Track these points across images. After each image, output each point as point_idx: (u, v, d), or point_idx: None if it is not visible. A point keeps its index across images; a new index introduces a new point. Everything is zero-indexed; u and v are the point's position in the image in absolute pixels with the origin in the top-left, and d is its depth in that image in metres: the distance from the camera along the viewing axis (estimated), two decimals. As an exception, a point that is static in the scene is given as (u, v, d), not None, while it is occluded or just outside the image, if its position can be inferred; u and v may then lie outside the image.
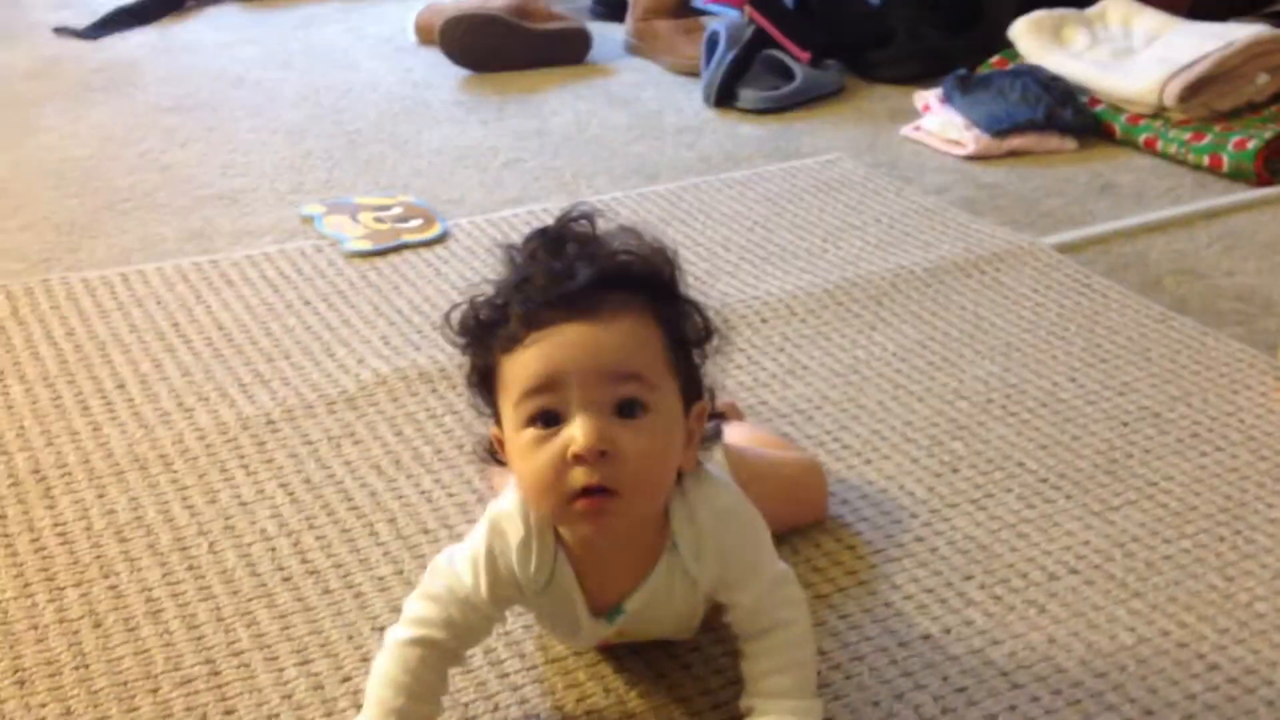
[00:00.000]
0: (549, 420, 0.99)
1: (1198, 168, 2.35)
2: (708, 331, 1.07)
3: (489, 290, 1.04)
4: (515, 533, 1.05)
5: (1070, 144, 2.45)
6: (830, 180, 2.27)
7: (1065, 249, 2.03)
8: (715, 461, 1.25)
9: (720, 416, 1.13)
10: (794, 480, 1.38)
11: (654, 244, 1.05)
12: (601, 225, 1.05)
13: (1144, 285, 1.93)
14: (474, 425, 1.53)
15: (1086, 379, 1.68)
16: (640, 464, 0.99)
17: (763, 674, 1.10)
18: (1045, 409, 1.62)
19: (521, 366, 1.00)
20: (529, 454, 1.00)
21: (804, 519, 1.38)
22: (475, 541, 1.08)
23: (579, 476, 0.98)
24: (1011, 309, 1.85)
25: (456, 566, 1.08)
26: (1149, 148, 2.42)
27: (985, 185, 2.29)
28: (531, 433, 0.99)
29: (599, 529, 1.01)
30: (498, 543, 1.06)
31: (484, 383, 1.05)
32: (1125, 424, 1.59)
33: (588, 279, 0.99)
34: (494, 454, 1.08)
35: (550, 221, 1.06)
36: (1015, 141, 2.42)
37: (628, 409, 0.99)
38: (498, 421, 1.05)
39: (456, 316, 1.06)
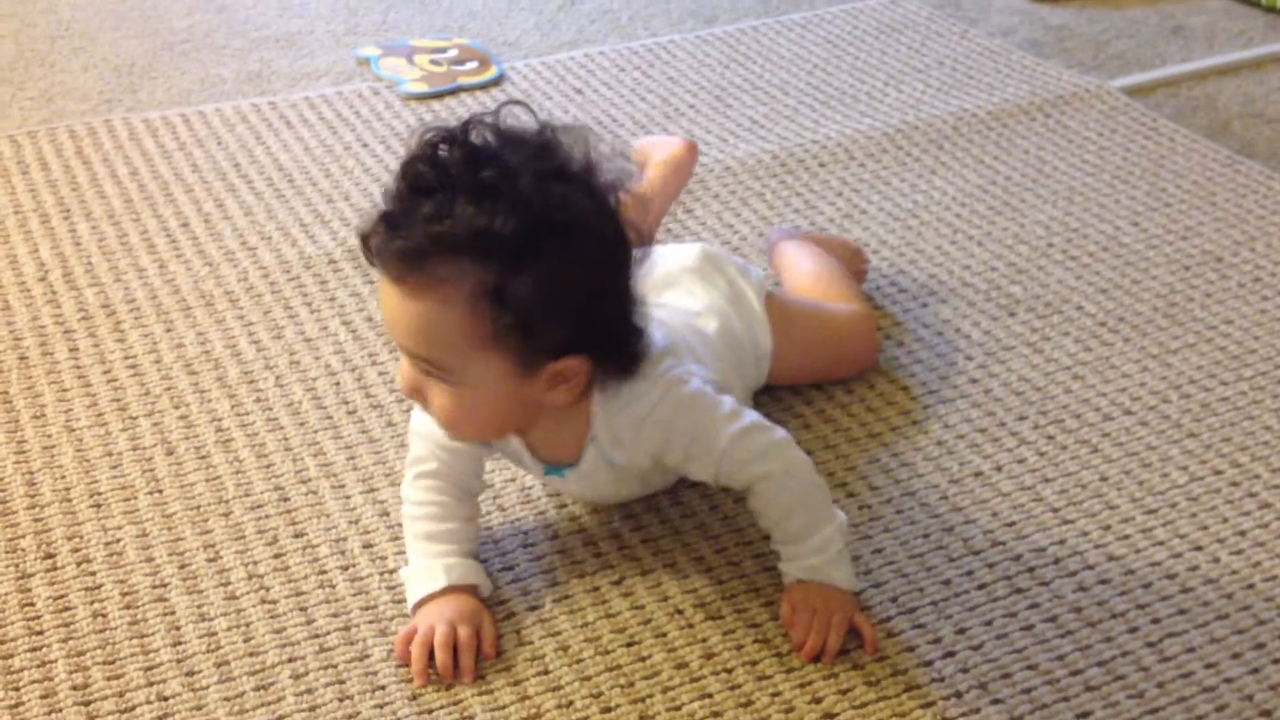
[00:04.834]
0: None
1: (1270, 9, 2.28)
2: (577, 286, 0.99)
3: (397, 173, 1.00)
4: None
5: (1142, -15, 2.38)
6: (893, 22, 2.22)
7: (1133, 92, 1.99)
8: (757, 313, 1.26)
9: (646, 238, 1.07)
10: (840, 337, 1.38)
11: (560, 177, 0.99)
12: (512, 138, 0.99)
13: (1212, 129, 1.89)
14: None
15: (1149, 223, 1.66)
16: (447, 415, 1.04)
17: (773, 524, 1.13)
18: (1106, 253, 1.60)
19: None
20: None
21: (849, 373, 1.38)
22: None
23: None
24: (1075, 153, 1.82)
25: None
26: (1224, -12, 2.34)
27: (1053, 27, 2.23)
28: None
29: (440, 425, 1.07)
30: None
31: None
32: (1187, 268, 1.57)
33: (405, 248, 0.96)
34: None
35: (496, 104, 1.01)
36: (1085, -18, 2.35)
37: (430, 374, 1.01)
38: None
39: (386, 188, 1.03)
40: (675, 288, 1.26)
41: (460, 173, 0.97)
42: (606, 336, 1.04)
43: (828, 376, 1.37)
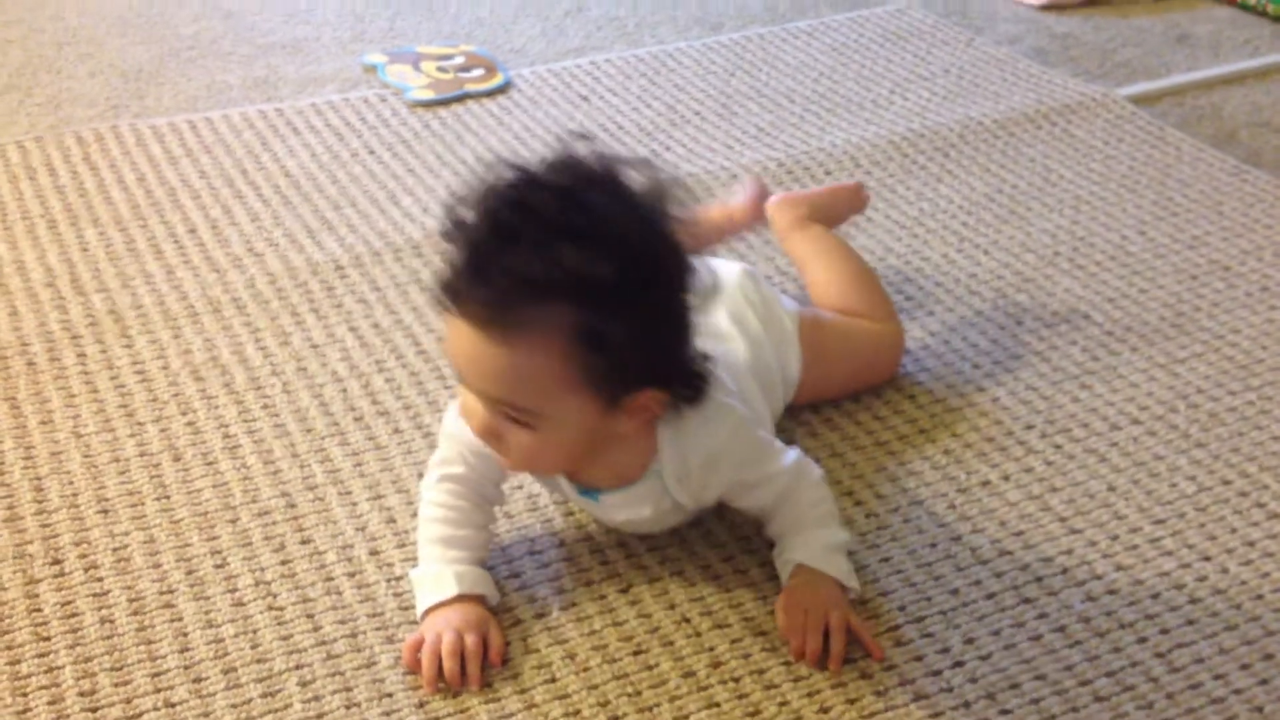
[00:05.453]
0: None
1: (1277, 19, 2.28)
2: (655, 332, 1.01)
3: (469, 206, 0.99)
4: None
5: (1147, -7, 2.38)
6: (898, 30, 2.22)
7: (1139, 101, 1.99)
8: (790, 339, 1.26)
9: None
10: (869, 359, 1.38)
11: (644, 215, 0.99)
12: (595, 175, 0.98)
13: (1219, 138, 1.89)
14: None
15: (1156, 232, 1.66)
16: (526, 457, 1.05)
17: (781, 516, 1.14)
18: (1113, 262, 1.60)
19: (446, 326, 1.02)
20: (461, 389, 1.05)
21: (866, 388, 1.38)
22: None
23: None
24: (1082, 161, 1.82)
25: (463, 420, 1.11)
26: (1229, -2, 2.35)
27: (1058, 35, 2.23)
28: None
29: (505, 465, 1.09)
30: None
31: None
32: (1194, 277, 1.57)
33: (495, 295, 0.95)
34: None
35: (561, 156, 0.99)
36: (1091, -10, 2.35)
37: (513, 418, 1.01)
38: None
39: (445, 221, 1.01)
40: (709, 310, 1.25)
41: (549, 215, 0.95)
42: (683, 368, 1.04)
43: (845, 394, 1.37)
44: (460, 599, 1.08)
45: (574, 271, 0.94)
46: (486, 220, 0.97)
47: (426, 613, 1.09)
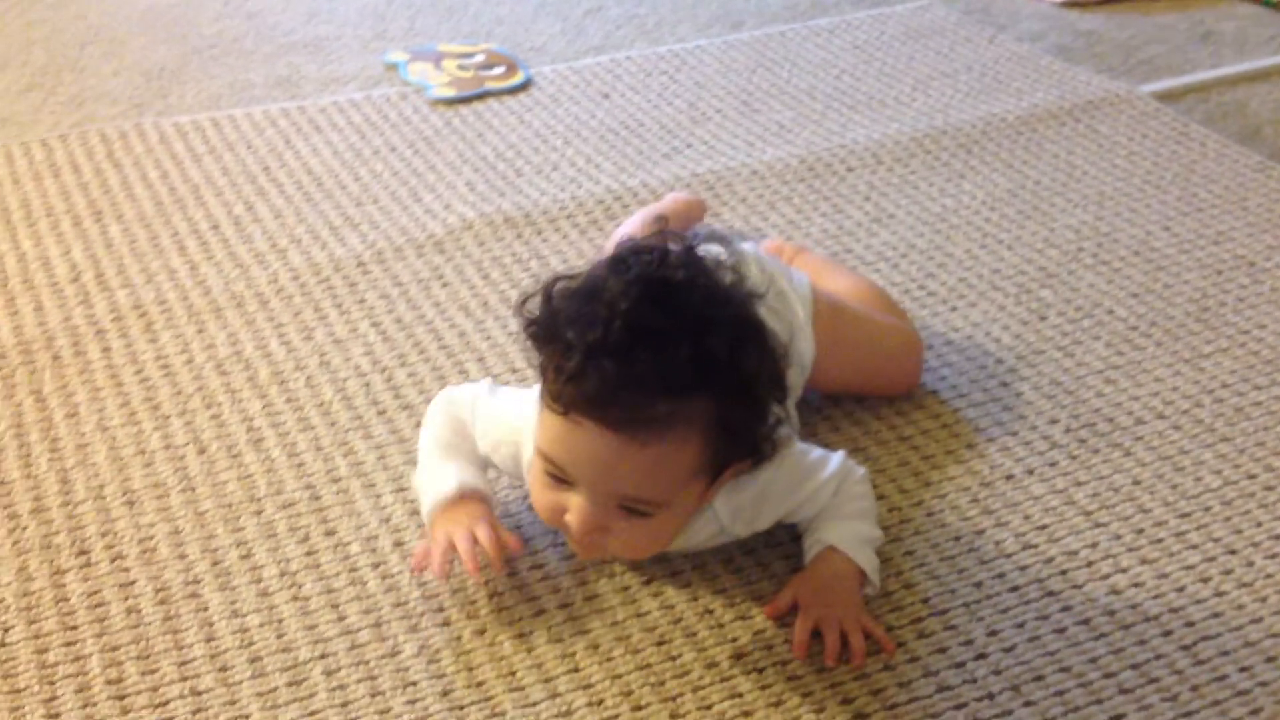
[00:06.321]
0: (560, 478, 1.01)
1: (1304, 15, 2.27)
2: (769, 430, 1.02)
3: (566, 296, 0.99)
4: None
5: (1170, -9, 2.37)
6: (920, 27, 2.22)
7: (1163, 97, 1.98)
8: (801, 323, 1.25)
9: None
10: (887, 352, 1.35)
11: (749, 296, 1.00)
12: (707, 264, 0.99)
13: (1243, 134, 1.89)
14: (559, 271, 1.55)
15: (1181, 227, 1.65)
16: (634, 545, 1.05)
17: (826, 511, 1.14)
18: (1137, 257, 1.60)
19: (549, 429, 0.99)
20: (539, 481, 1.03)
21: (890, 391, 1.36)
22: (511, 420, 1.12)
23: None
24: (1105, 157, 1.81)
25: (495, 414, 1.14)
26: (1253, -6, 2.34)
27: (1082, 32, 2.23)
28: (544, 470, 1.02)
29: (584, 555, 1.09)
30: (527, 444, 1.09)
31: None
32: (1219, 273, 1.57)
33: (640, 400, 0.93)
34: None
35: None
36: (1113, -12, 2.35)
37: (632, 510, 1.00)
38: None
39: (531, 305, 1.01)
40: None
41: (685, 311, 0.95)
42: (772, 437, 1.04)
43: (865, 391, 1.35)
44: (463, 498, 1.10)
45: (721, 365, 0.95)
46: (621, 325, 0.94)
47: (433, 520, 1.11)
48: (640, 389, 0.93)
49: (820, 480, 1.13)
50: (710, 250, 1.04)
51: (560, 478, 1.01)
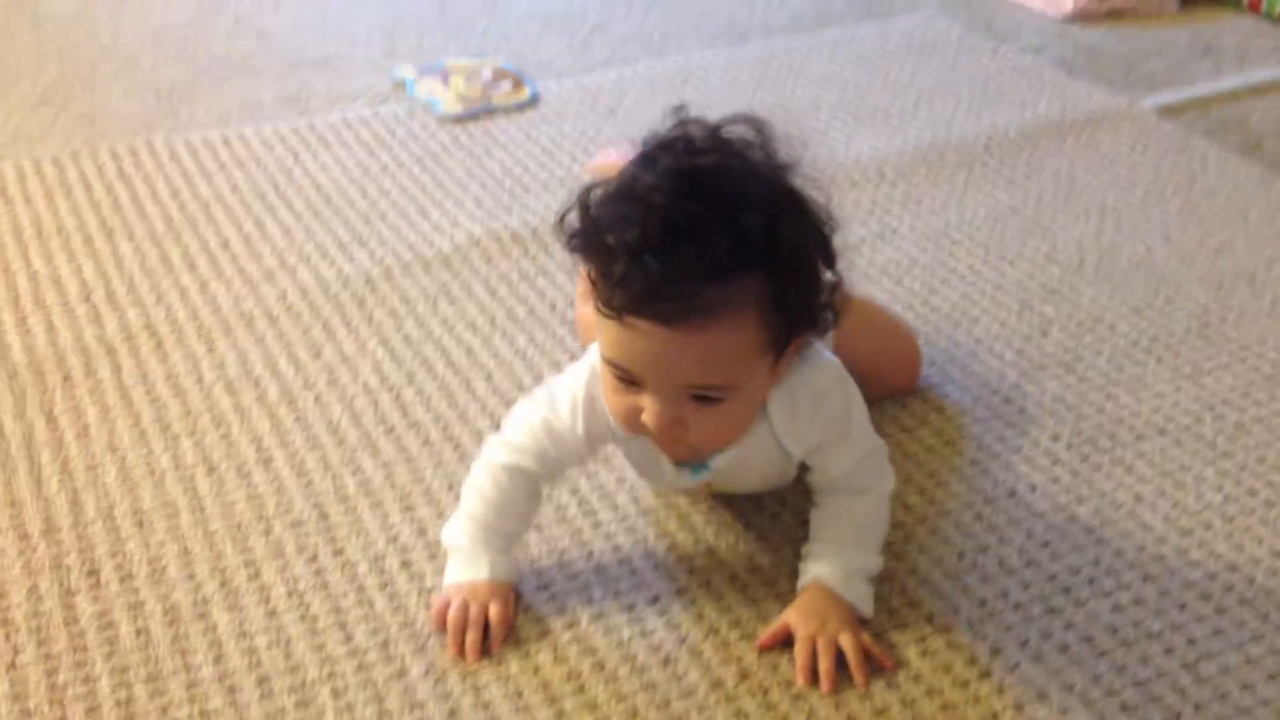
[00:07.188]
0: (628, 380, 1.02)
1: (1307, 27, 2.28)
2: (823, 294, 1.03)
3: (601, 199, 0.99)
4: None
5: (1172, 4, 2.38)
6: (923, 40, 2.23)
7: (1164, 111, 1.99)
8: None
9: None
10: (885, 343, 1.37)
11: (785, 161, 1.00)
12: (737, 139, 1.00)
13: (1244, 148, 1.89)
14: (565, 287, 1.56)
15: (1182, 241, 1.66)
16: (712, 433, 1.05)
17: (829, 522, 1.15)
18: (1139, 272, 1.60)
19: (608, 334, 1.00)
20: (610, 389, 1.04)
21: (895, 384, 1.38)
22: (575, 382, 1.12)
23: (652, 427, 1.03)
24: (1107, 171, 1.82)
25: (557, 404, 1.12)
26: (1252, 9, 2.35)
27: (1084, 46, 2.23)
28: (613, 375, 1.03)
29: (672, 453, 1.09)
30: (596, 387, 1.09)
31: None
32: (1220, 286, 1.57)
33: (687, 290, 0.94)
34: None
35: (662, 129, 1.01)
36: (1116, 1, 2.35)
37: (703, 398, 1.01)
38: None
39: (570, 219, 1.01)
40: None
41: (719, 193, 0.96)
42: (826, 302, 1.05)
43: (868, 383, 1.34)
44: (491, 584, 1.12)
45: (761, 241, 0.95)
46: (658, 220, 0.94)
47: (456, 588, 1.12)
48: (685, 279, 0.94)
49: (865, 434, 1.14)
50: (736, 130, 1.03)
51: (629, 380, 1.02)
